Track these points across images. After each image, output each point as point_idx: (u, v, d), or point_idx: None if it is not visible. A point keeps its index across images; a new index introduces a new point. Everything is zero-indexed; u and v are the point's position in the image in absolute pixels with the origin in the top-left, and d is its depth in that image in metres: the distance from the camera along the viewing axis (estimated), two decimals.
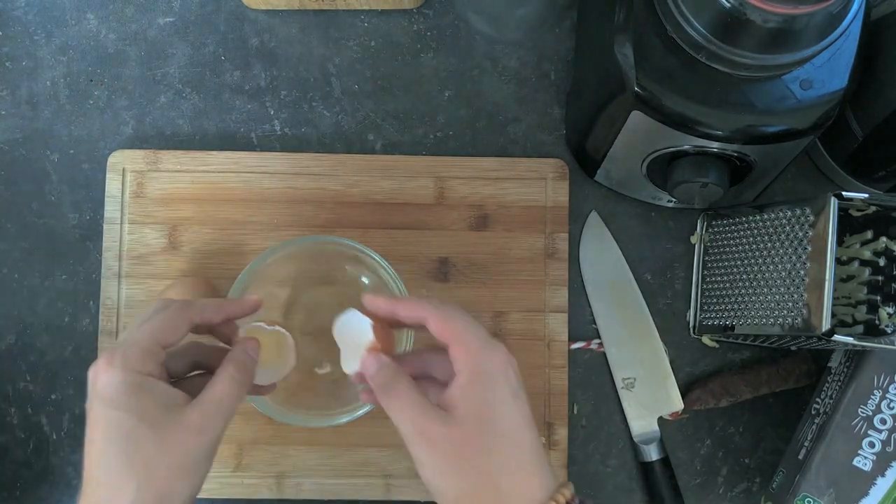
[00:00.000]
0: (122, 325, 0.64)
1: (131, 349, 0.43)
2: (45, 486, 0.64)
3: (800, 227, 0.55)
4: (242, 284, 0.56)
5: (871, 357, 0.57)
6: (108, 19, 0.68)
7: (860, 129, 0.57)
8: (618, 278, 0.65)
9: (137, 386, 0.42)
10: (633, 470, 0.65)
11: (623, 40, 0.50)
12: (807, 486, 0.56)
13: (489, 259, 0.65)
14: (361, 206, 0.65)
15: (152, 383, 0.43)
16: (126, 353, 0.43)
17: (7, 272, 0.66)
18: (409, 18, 0.68)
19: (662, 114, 0.50)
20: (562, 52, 0.68)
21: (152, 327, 0.44)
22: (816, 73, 0.49)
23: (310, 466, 0.63)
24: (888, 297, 0.57)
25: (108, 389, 0.42)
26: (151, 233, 0.64)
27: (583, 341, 0.65)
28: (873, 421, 0.56)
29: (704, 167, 0.54)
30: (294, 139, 0.67)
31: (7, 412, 0.64)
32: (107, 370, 0.42)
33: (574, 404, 0.65)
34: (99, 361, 0.43)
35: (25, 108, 0.67)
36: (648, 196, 0.64)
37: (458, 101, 0.68)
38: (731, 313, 0.61)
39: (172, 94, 0.67)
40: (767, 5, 0.43)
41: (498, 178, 0.65)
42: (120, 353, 0.42)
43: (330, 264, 0.62)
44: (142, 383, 0.42)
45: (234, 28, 0.68)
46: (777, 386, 0.64)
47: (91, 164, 0.66)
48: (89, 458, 0.42)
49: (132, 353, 0.43)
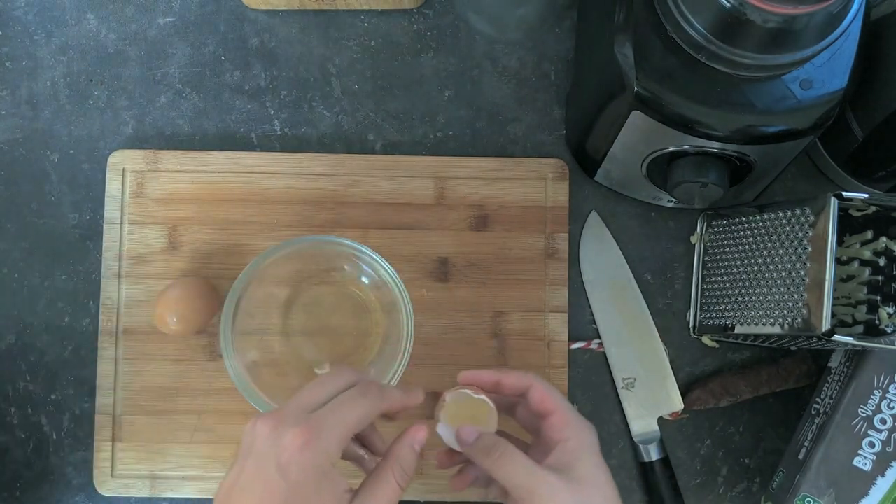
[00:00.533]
0: (122, 326, 0.64)
1: (333, 437, 0.42)
2: (45, 486, 0.64)
3: (800, 227, 0.55)
4: (242, 284, 0.56)
5: (871, 357, 0.57)
6: (108, 19, 0.68)
7: (860, 129, 0.57)
8: (618, 278, 0.65)
9: (325, 476, 0.42)
10: (633, 470, 0.65)
11: (623, 40, 0.50)
12: (807, 486, 0.56)
13: (489, 259, 0.65)
14: (361, 206, 0.65)
15: (335, 476, 0.42)
16: (328, 440, 0.42)
17: (7, 272, 0.66)
18: (409, 18, 0.68)
19: (662, 114, 0.50)
20: (562, 52, 0.68)
21: (353, 415, 0.43)
22: (816, 73, 0.49)
23: None
24: (888, 297, 0.57)
25: (299, 468, 0.41)
26: (151, 233, 0.64)
27: (583, 341, 0.65)
28: (873, 421, 0.56)
29: (704, 167, 0.54)
30: (294, 139, 0.67)
31: (7, 412, 0.64)
32: (304, 450, 0.41)
33: (574, 404, 0.65)
34: (292, 432, 0.41)
35: (25, 108, 0.67)
36: (648, 196, 0.64)
37: (458, 101, 0.68)
38: (731, 313, 0.61)
39: (172, 94, 0.67)
40: (767, 5, 0.43)
41: (498, 178, 0.65)
42: (324, 437, 0.42)
43: (330, 264, 0.62)
44: (329, 474, 0.42)
45: (234, 28, 0.68)
46: (777, 386, 0.64)
47: (91, 164, 0.66)
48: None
49: (332, 442, 0.42)
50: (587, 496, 0.45)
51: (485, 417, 0.49)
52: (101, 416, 0.63)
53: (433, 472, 0.63)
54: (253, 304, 0.58)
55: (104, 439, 0.63)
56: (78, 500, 0.64)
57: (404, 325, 0.56)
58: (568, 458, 0.46)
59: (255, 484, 0.41)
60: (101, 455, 0.63)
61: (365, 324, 0.63)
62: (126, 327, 0.64)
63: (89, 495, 0.64)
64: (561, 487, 0.45)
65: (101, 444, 0.63)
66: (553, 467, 0.46)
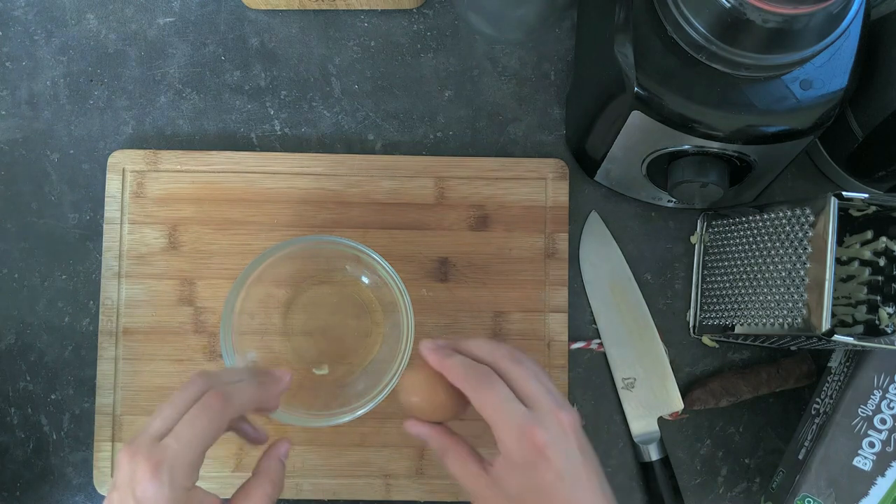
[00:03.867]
0: (122, 326, 0.64)
1: (178, 465, 0.43)
2: (45, 486, 0.64)
3: (800, 227, 0.55)
4: (242, 284, 0.56)
5: (871, 357, 0.57)
6: (108, 19, 0.68)
7: (860, 129, 0.57)
8: (618, 278, 0.65)
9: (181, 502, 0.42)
10: (633, 470, 0.65)
11: (623, 40, 0.50)
12: (807, 486, 0.56)
13: (489, 259, 0.65)
14: (361, 206, 0.65)
15: (194, 496, 0.43)
16: (174, 470, 0.42)
17: (7, 272, 0.66)
18: (409, 18, 0.68)
19: (662, 114, 0.50)
20: (562, 52, 0.68)
21: (197, 437, 0.44)
22: (816, 73, 0.49)
23: (310, 466, 0.63)
24: (888, 297, 0.57)
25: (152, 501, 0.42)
26: (151, 233, 0.64)
27: (583, 341, 0.65)
28: (873, 421, 0.56)
29: (704, 167, 0.54)
30: (294, 139, 0.67)
31: (7, 412, 0.64)
32: (152, 483, 0.42)
33: (574, 404, 0.65)
34: (142, 466, 0.42)
35: (25, 108, 0.67)
36: (648, 196, 0.64)
37: (458, 101, 0.68)
38: (731, 313, 0.61)
39: (172, 94, 0.67)
40: (767, 5, 0.43)
41: (498, 178, 0.65)
42: (167, 470, 0.42)
43: (329, 264, 0.62)
44: (185, 499, 0.43)
45: (234, 28, 0.68)
46: (777, 386, 0.64)
47: (91, 164, 0.66)
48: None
49: (180, 471, 0.42)
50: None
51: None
52: (101, 416, 0.63)
53: (433, 473, 0.63)
54: (253, 304, 0.58)
55: (104, 439, 0.63)
56: (78, 500, 0.64)
57: (404, 325, 0.56)
58: (503, 472, 0.44)
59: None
60: (101, 455, 0.63)
61: (365, 324, 0.63)
62: (126, 327, 0.64)
63: (89, 495, 0.64)
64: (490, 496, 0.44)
65: (101, 444, 0.63)
66: (494, 474, 0.44)
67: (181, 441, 0.43)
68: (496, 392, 0.44)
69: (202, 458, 0.44)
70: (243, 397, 0.47)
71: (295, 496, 0.63)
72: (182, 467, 0.43)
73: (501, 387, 0.45)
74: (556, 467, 0.42)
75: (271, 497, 0.46)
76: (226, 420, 0.45)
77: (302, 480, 0.63)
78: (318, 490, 0.63)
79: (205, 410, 0.44)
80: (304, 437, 0.63)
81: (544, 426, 0.43)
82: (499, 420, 0.44)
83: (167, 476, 0.42)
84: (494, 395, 0.44)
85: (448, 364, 0.47)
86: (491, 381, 0.45)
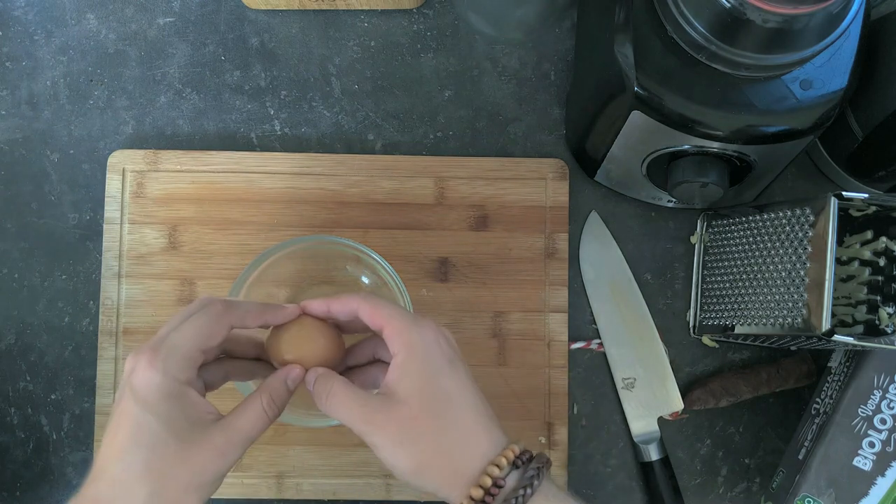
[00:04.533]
0: (122, 326, 0.64)
1: (173, 354, 0.43)
2: (45, 486, 0.64)
3: (800, 227, 0.55)
4: (242, 284, 0.56)
5: (871, 357, 0.57)
6: (108, 19, 0.68)
7: (860, 129, 0.57)
8: (618, 278, 0.65)
9: (174, 394, 0.43)
10: (633, 470, 0.65)
11: (623, 40, 0.50)
12: (807, 486, 0.56)
13: (489, 259, 0.65)
14: (361, 206, 0.65)
15: (188, 394, 0.44)
16: (168, 358, 0.43)
17: (7, 272, 0.66)
18: (409, 18, 0.68)
19: (662, 114, 0.50)
20: (562, 52, 0.68)
21: (195, 331, 0.44)
22: (816, 73, 0.49)
23: (310, 466, 0.63)
24: (888, 297, 0.57)
25: (146, 391, 0.42)
26: (151, 233, 0.64)
27: (583, 341, 0.65)
28: (873, 421, 0.56)
29: (704, 167, 0.54)
30: (294, 139, 0.67)
31: (7, 412, 0.64)
32: (148, 371, 0.42)
33: (574, 404, 0.65)
34: (141, 358, 0.43)
35: (25, 108, 0.67)
36: (648, 196, 0.64)
37: (458, 101, 0.68)
38: (731, 313, 0.61)
39: (172, 94, 0.67)
40: (767, 5, 0.43)
41: (498, 178, 0.65)
42: (162, 357, 0.43)
43: (330, 264, 0.62)
44: (179, 392, 0.43)
45: (234, 28, 0.68)
46: (777, 386, 0.64)
47: (91, 164, 0.66)
48: (108, 450, 0.43)
49: (174, 359, 0.43)
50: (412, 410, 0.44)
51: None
52: (101, 417, 0.63)
53: None
54: None
55: None
56: None
57: None
58: (396, 375, 0.45)
59: (120, 425, 0.43)
60: None
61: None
62: (126, 327, 0.64)
63: None
64: (383, 423, 0.44)
65: None
66: (383, 393, 0.45)
67: (178, 332, 0.44)
68: (389, 303, 0.47)
69: (199, 355, 0.44)
70: (245, 308, 0.47)
71: (295, 496, 0.63)
72: (176, 358, 0.43)
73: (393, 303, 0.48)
74: (445, 353, 0.45)
75: (267, 412, 0.45)
76: (226, 324, 0.46)
77: (302, 480, 0.63)
78: (318, 490, 0.63)
79: (206, 311, 0.45)
80: (304, 437, 0.63)
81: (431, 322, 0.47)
82: (393, 317, 0.46)
83: (161, 364, 0.43)
84: (389, 304, 0.47)
85: (335, 300, 0.48)
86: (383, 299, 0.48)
